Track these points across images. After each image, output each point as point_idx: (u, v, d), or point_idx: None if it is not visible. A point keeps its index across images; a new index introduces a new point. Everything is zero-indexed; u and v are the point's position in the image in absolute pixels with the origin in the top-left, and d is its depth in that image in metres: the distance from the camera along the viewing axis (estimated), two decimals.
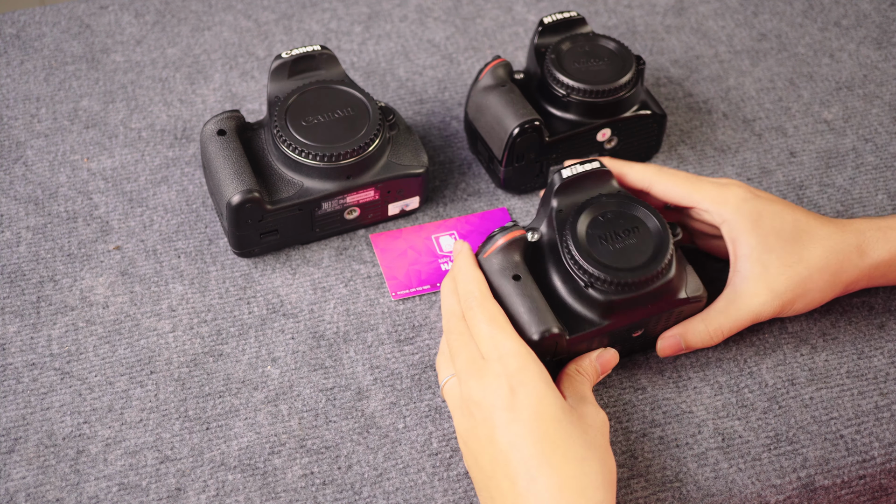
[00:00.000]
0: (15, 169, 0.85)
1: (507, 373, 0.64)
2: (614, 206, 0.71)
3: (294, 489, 0.69)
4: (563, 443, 0.62)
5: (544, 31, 0.85)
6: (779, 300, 0.71)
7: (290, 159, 0.77)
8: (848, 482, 0.71)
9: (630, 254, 0.69)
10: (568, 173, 0.73)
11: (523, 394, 0.63)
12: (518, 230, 0.71)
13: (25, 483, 0.68)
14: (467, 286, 0.69)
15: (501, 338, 0.65)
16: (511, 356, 0.64)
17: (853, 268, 0.72)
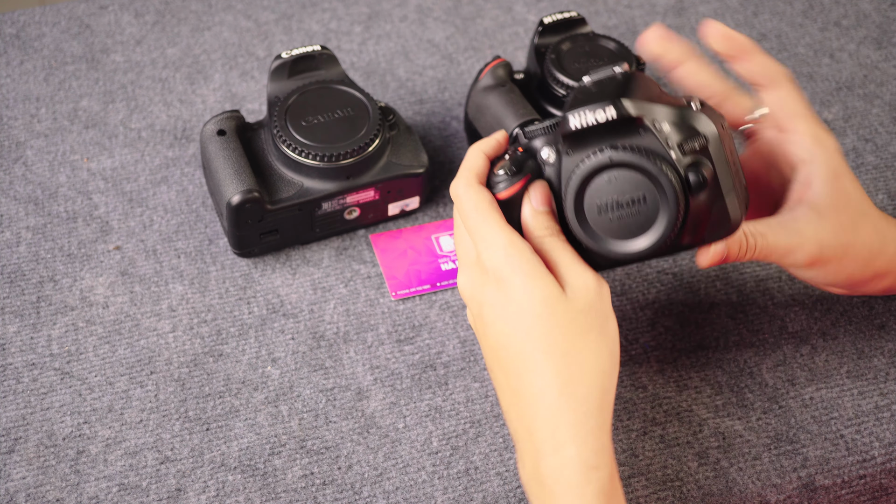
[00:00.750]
0: (15, 169, 0.85)
1: (494, 266, 0.61)
2: (622, 165, 0.63)
3: (294, 489, 0.69)
4: (547, 336, 0.59)
5: (544, 31, 0.85)
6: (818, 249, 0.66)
7: (290, 159, 0.77)
8: (848, 482, 0.71)
9: (630, 223, 0.63)
10: (578, 123, 0.62)
11: (509, 286, 0.60)
12: (520, 180, 0.65)
13: (25, 483, 0.68)
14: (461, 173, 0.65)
15: (486, 229, 0.62)
16: (497, 248, 0.61)
17: (886, 258, 0.70)
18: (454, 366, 0.75)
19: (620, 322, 0.78)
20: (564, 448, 0.58)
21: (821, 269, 0.69)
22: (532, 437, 0.60)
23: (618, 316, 0.78)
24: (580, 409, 0.59)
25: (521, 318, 0.60)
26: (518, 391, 0.60)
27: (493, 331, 0.61)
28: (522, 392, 0.60)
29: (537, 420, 0.59)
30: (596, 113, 0.62)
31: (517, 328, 0.60)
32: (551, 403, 0.59)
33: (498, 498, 0.69)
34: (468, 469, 0.70)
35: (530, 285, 0.60)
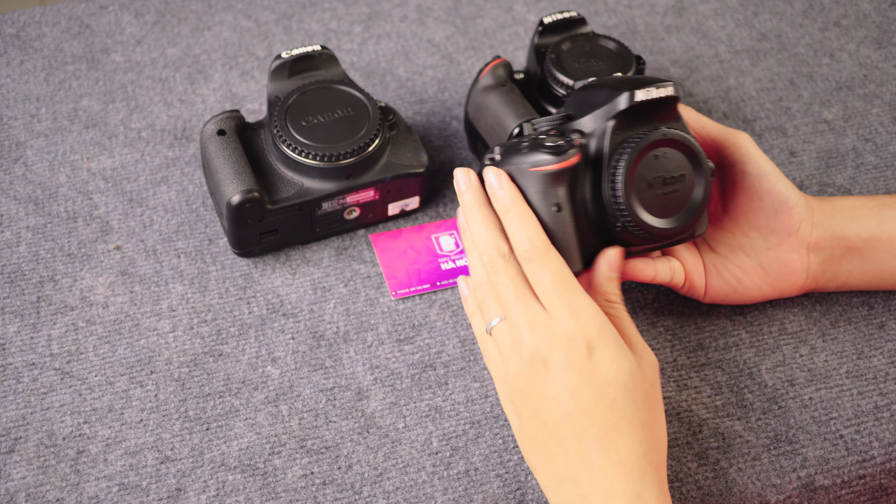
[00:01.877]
0: (15, 169, 0.85)
1: (584, 334, 0.62)
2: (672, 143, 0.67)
3: (294, 489, 0.69)
4: (631, 407, 0.62)
5: (544, 31, 0.85)
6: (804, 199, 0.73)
7: (290, 159, 0.77)
8: (848, 482, 0.71)
9: (670, 201, 0.67)
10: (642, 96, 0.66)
11: (599, 356, 0.62)
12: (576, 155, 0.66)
13: (25, 483, 0.68)
14: (526, 233, 0.65)
15: (573, 295, 0.63)
16: (587, 316, 0.63)
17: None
18: (454, 365, 0.75)
19: None
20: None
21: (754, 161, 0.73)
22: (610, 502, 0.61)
23: None
24: (657, 476, 0.62)
25: (610, 387, 0.62)
26: (590, 456, 0.61)
27: (576, 396, 0.62)
28: (602, 459, 0.61)
29: (619, 486, 0.61)
30: (658, 90, 0.66)
31: (605, 397, 0.62)
32: (634, 469, 0.61)
33: (498, 499, 0.69)
34: (468, 470, 0.70)
35: (620, 358, 0.62)
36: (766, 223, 0.73)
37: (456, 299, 0.79)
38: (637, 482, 0.61)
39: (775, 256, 0.74)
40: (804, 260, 0.74)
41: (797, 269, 0.74)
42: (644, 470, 0.61)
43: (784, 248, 0.73)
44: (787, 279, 0.75)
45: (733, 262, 0.75)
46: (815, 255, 0.73)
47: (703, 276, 0.76)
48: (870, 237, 0.74)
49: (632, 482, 0.61)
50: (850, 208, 0.74)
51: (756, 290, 0.75)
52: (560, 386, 0.62)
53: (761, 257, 0.74)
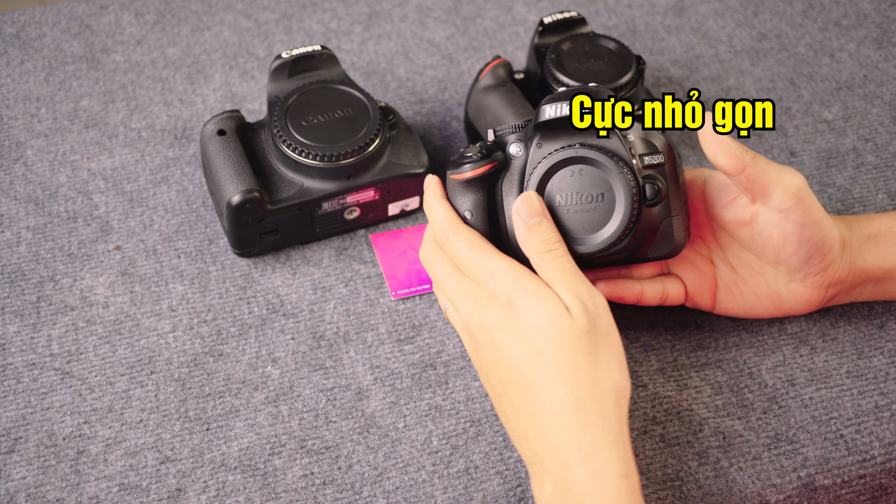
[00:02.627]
0: (15, 169, 0.85)
1: (503, 290, 0.63)
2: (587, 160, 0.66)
3: (294, 489, 0.69)
4: (560, 355, 0.61)
5: (544, 31, 0.85)
6: (797, 189, 0.69)
7: (290, 159, 0.77)
8: (848, 482, 0.71)
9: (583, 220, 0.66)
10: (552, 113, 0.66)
11: (519, 309, 0.63)
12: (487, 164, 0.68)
13: (26, 483, 0.68)
14: (438, 217, 0.68)
15: (485, 259, 0.65)
16: (502, 273, 0.64)
17: None
18: (454, 365, 0.75)
19: (620, 322, 0.78)
20: (593, 459, 0.60)
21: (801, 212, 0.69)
22: (556, 454, 0.61)
23: (618, 315, 0.78)
24: (600, 422, 0.61)
25: (533, 338, 0.62)
26: (535, 411, 0.62)
27: (507, 353, 0.63)
28: (540, 411, 0.61)
29: (560, 436, 0.61)
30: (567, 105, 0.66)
31: (530, 349, 0.62)
32: (572, 418, 0.61)
33: (498, 497, 0.69)
34: (468, 468, 0.70)
35: (541, 307, 0.62)
36: (796, 264, 0.72)
37: None
38: (575, 431, 0.60)
39: (796, 290, 0.73)
40: (822, 294, 0.73)
41: (813, 302, 0.74)
42: (581, 419, 0.60)
43: (807, 285, 0.73)
44: (800, 308, 0.74)
45: (751, 287, 0.74)
46: (833, 288, 0.73)
47: (711, 294, 0.75)
48: (890, 267, 0.73)
49: (570, 431, 0.60)
50: (877, 237, 0.73)
51: (765, 314, 0.75)
52: (492, 347, 0.63)
53: (781, 287, 0.73)
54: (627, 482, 0.60)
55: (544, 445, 0.61)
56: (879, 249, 0.73)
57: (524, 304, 0.62)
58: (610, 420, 0.61)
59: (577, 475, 0.60)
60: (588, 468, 0.60)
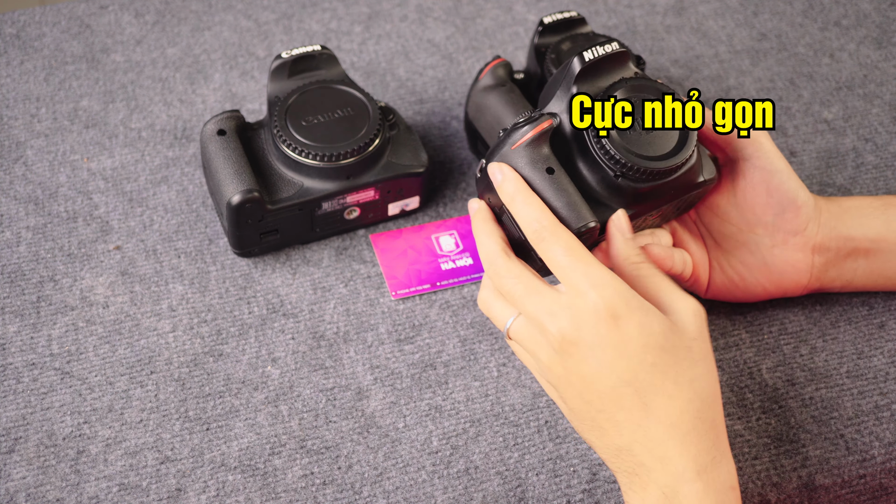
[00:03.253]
0: (15, 169, 0.85)
1: (606, 304, 0.60)
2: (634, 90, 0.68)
3: (294, 489, 0.69)
4: (673, 368, 0.61)
5: (544, 31, 0.85)
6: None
7: (290, 159, 0.77)
8: (848, 481, 0.71)
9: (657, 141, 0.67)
10: (589, 56, 0.67)
11: (626, 324, 0.61)
12: (547, 120, 0.67)
13: (26, 483, 0.68)
14: (532, 214, 0.64)
15: (588, 267, 0.62)
16: (606, 285, 0.61)
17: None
18: (454, 365, 0.75)
19: None
20: (706, 471, 0.60)
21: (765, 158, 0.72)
22: (667, 467, 0.60)
23: None
24: (713, 432, 0.61)
25: (646, 352, 0.61)
26: (647, 424, 0.61)
27: (614, 368, 0.61)
28: (653, 424, 0.61)
29: (674, 448, 0.60)
30: (604, 47, 0.67)
31: (643, 363, 0.61)
32: (689, 429, 0.60)
33: (498, 497, 0.69)
34: (468, 468, 0.70)
35: (649, 321, 0.61)
36: (773, 220, 0.73)
37: (456, 299, 0.79)
38: (692, 443, 0.60)
39: (780, 255, 0.74)
40: (808, 260, 0.74)
41: (801, 269, 0.74)
42: (699, 428, 0.60)
43: (789, 248, 0.73)
44: (791, 278, 0.74)
45: (737, 259, 0.75)
46: (819, 255, 0.73)
47: (707, 271, 0.76)
48: (876, 237, 0.74)
49: (687, 443, 0.60)
50: (856, 208, 0.74)
51: (759, 288, 0.75)
52: (596, 363, 0.61)
53: (766, 255, 0.74)
54: (735, 494, 0.61)
55: (654, 458, 0.61)
56: (862, 220, 0.74)
57: (634, 318, 0.61)
58: (720, 431, 0.62)
59: (690, 487, 0.60)
60: (702, 480, 0.60)
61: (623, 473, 0.62)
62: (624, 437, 0.61)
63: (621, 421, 0.61)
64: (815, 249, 0.73)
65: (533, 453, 0.71)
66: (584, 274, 0.62)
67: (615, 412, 0.61)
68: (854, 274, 0.75)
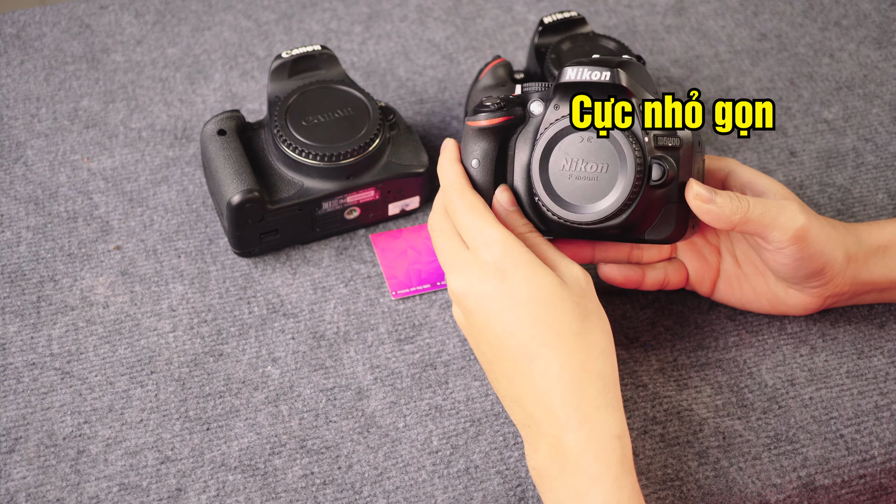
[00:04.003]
0: (15, 169, 0.85)
1: (494, 259, 0.64)
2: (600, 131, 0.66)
3: (294, 489, 0.69)
4: (557, 320, 0.62)
5: (544, 31, 0.85)
6: (802, 223, 0.68)
7: (291, 159, 0.77)
8: (848, 481, 0.71)
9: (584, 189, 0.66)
10: (573, 75, 0.66)
11: (513, 278, 0.63)
12: (505, 115, 0.68)
13: (26, 483, 0.68)
14: (447, 178, 0.69)
15: (482, 225, 0.65)
16: (495, 243, 0.64)
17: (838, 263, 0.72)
18: (454, 365, 0.75)
19: (620, 321, 0.78)
20: (589, 421, 0.61)
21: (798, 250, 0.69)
22: (552, 417, 0.61)
23: (618, 316, 0.78)
24: (598, 383, 0.62)
25: (529, 306, 0.62)
26: (531, 375, 0.62)
27: (500, 321, 0.63)
28: (537, 375, 0.62)
29: (557, 399, 0.61)
30: (592, 72, 0.65)
31: (526, 315, 0.62)
32: (571, 380, 0.62)
33: (498, 497, 0.69)
34: (468, 468, 0.70)
35: (535, 276, 0.63)
36: (799, 282, 0.72)
37: None
38: (574, 393, 0.61)
39: (794, 296, 0.74)
40: (821, 302, 0.74)
41: (810, 308, 0.74)
42: (581, 380, 0.62)
43: (806, 294, 0.73)
44: (798, 311, 0.75)
45: (750, 283, 0.75)
46: (832, 298, 0.74)
47: (710, 284, 0.76)
48: (895, 278, 0.73)
49: (568, 394, 0.61)
50: (883, 249, 0.73)
51: (761, 309, 0.76)
52: (484, 315, 0.64)
53: (779, 290, 0.74)
54: (621, 443, 0.61)
55: (540, 408, 0.62)
56: (887, 261, 0.73)
57: (519, 274, 0.63)
58: (607, 382, 0.62)
59: (573, 436, 0.61)
60: (584, 429, 0.61)
61: (520, 426, 0.64)
62: (514, 388, 0.64)
63: (510, 371, 0.63)
64: (830, 296, 0.73)
65: None
66: (479, 231, 0.65)
67: (505, 363, 0.63)
68: (860, 302, 0.76)
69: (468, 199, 0.67)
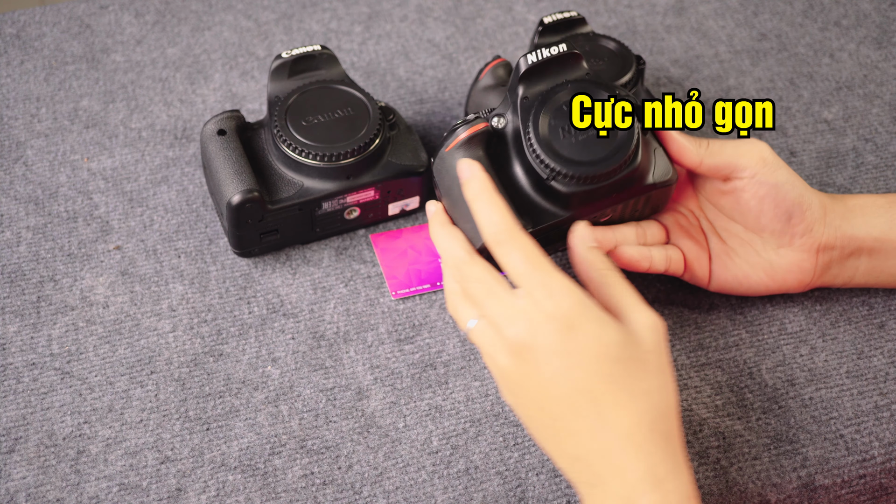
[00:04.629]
0: (15, 169, 0.85)
1: (562, 313, 0.61)
2: (583, 89, 0.69)
3: (294, 489, 0.69)
4: (627, 379, 0.61)
5: (544, 31, 0.85)
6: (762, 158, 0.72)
7: (290, 159, 0.77)
8: (848, 481, 0.71)
9: (593, 144, 0.67)
10: (534, 58, 0.69)
11: (582, 334, 0.61)
12: (481, 123, 0.69)
13: (26, 483, 0.68)
14: (493, 216, 0.65)
15: (545, 275, 0.62)
16: (563, 294, 0.61)
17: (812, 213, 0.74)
18: (454, 365, 0.75)
19: None
20: (665, 482, 0.59)
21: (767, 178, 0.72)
22: (624, 477, 0.60)
23: None
24: (670, 444, 0.61)
25: (600, 362, 0.60)
26: (601, 434, 0.61)
27: (567, 377, 0.61)
28: (608, 434, 0.60)
29: (629, 458, 0.60)
30: (549, 48, 0.68)
31: (598, 372, 0.61)
32: (644, 440, 0.60)
33: (498, 497, 0.69)
34: (468, 468, 0.70)
35: (604, 331, 0.61)
36: (781, 227, 0.73)
37: None
38: (648, 453, 0.60)
39: (785, 255, 0.74)
40: (813, 259, 0.74)
41: (805, 269, 0.74)
42: (654, 440, 0.60)
43: (795, 249, 0.74)
44: (795, 277, 0.75)
45: (742, 257, 0.75)
46: (824, 254, 0.74)
47: (707, 266, 0.76)
48: (880, 236, 0.74)
49: (641, 454, 0.60)
50: (861, 207, 0.75)
51: (761, 285, 0.76)
52: (550, 370, 0.61)
53: (771, 256, 0.74)
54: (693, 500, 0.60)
55: (610, 468, 0.60)
56: (867, 218, 0.74)
57: (589, 328, 0.61)
58: (676, 442, 0.61)
59: (650, 497, 0.59)
60: (660, 491, 0.59)
61: (581, 485, 0.62)
62: (580, 447, 0.61)
63: (576, 430, 0.61)
64: (820, 249, 0.74)
65: (533, 453, 0.71)
66: (542, 282, 0.62)
67: (570, 420, 0.61)
68: (855, 272, 0.75)
69: (524, 244, 0.63)
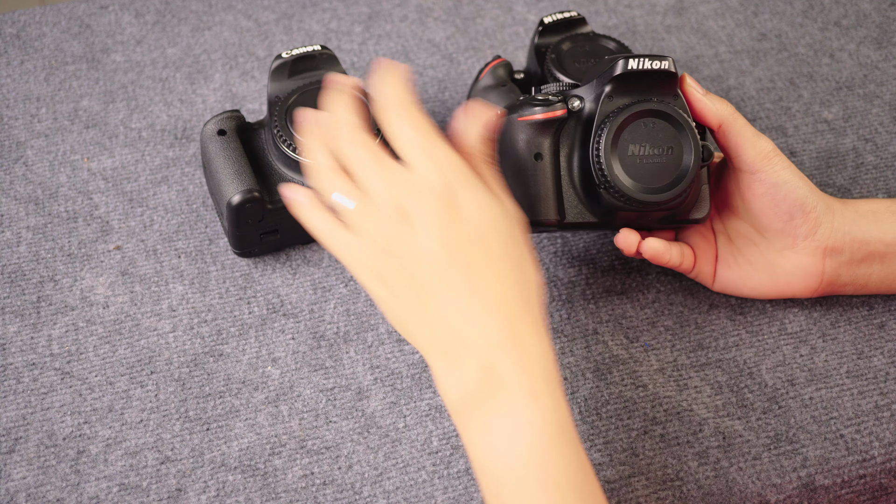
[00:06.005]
0: (15, 169, 0.85)
1: (446, 180, 0.61)
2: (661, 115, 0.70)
3: (294, 489, 0.69)
4: (500, 247, 0.62)
5: (544, 31, 0.85)
6: (767, 150, 0.73)
7: (290, 159, 0.77)
8: (848, 482, 0.71)
9: (653, 171, 0.69)
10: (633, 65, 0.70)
11: (464, 200, 0.61)
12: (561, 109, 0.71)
13: (26, 483, 0.68)
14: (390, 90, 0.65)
15: (434, 146, 0.63)
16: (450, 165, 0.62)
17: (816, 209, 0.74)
18: None
19: (620, 321, 0.78)
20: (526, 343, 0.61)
21: (771, 175, 0.72)
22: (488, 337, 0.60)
23: (618, 315, 0.78)
24: (533, 315, 0.62)
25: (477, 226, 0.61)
26: (466, 299, 0.61)
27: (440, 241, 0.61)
28: (474, 299, 0.61)
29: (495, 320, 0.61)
30: (652, 62, 0.69)
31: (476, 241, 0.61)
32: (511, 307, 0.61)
33: None
34: (468, 468, 0.70)
35: (486, 199, 0.63)
36: (782, 227, 0.73)
37: None
38: (513, 318, 0.61)
39: (790, 257, 0.74)
40: (819, 264, 0.74)
41: (811, 273, 0.74)
42: (520, 308, 0.61)
43: (799, 251, 0.73)
44: (800, 281, 0.75)
45: (746, 257, 0.75)
46: (831, 258, 0.73)
47: (713, 265, 0.77)
48: (892, 241, 0.73)
49: (507, 318, 0.61)
50: (872, 212, 0.74)
51: (763, 288, 0.76)
52: (426, 232, 0.61)
53: (775, 257, 0.74)
54: (554, 365, 0.61)
55: (475, 329, 0.60)
56: (879, 223, 0.74)
57: (471, 195, 0.62)
58: (539, 314, 0.63)
59: (509, 354, 0.60)
60: (521, 348, 0.60)
61: (438, 355, 0.62)
62: (445, 309, 0.61)
63: (445, 296, 0.61)
64: (827, 252, 0.73)
65: None
66: (430, 152, 0.62)
67: (439, 284, 0.61)
68: (868, 279, 0.75)
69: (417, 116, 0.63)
